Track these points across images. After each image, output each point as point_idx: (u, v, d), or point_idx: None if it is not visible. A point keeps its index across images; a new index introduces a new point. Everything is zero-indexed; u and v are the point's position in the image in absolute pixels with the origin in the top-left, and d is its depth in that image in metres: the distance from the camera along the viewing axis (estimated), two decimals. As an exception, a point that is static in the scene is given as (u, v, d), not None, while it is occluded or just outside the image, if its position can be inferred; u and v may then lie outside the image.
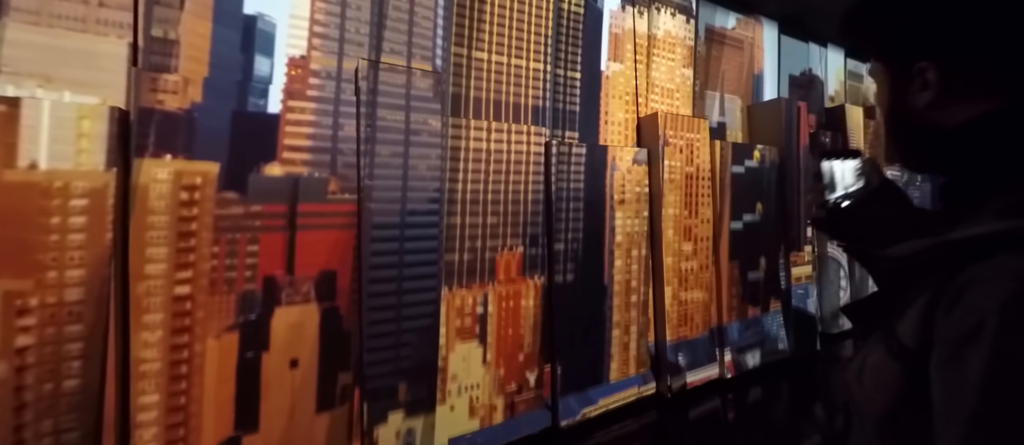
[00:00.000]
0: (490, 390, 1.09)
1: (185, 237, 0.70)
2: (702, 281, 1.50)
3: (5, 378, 0.55)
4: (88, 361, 0.61)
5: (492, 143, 1.12)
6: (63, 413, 0.59)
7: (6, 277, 0.56)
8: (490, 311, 1.09)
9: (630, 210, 1.37)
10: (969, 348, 0.25)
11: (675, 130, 1.42)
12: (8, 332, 0.56)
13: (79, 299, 0.61)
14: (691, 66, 1.62)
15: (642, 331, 1.40)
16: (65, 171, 0.62)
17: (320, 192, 0.85)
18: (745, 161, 1.63)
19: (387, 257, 0.92)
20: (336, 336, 0.85)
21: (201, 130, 0.75)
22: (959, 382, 0.26)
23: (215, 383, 0.72)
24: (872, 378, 0.34)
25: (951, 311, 0.27)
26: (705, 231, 1.50)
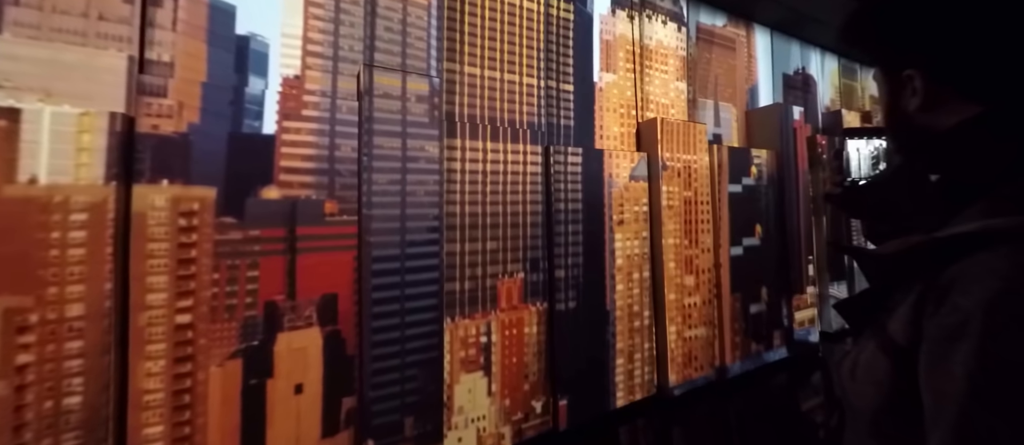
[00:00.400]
0: (496, 421, 1.25)
1: (185, 264, 0.83)
2: (705, 316, 1.76)
3: (5, 397, 0.64)
4: (89, 378, 0.71)
5: (488, 164, 1.34)
6: (64, 431, 0.69)
7: (6, 294, 0.66)
8: (493, 340, 1.27)
9: (629, 231, 1.63)
10: (954, 346, 0.31)
11: (672, 151, 1.70)
12: (8, 350, 0.66)
13: (80, 315, 0.72)
14: (685, 78, 1.97)
15: (647, 359, 1.64)
16: (65, 186, 0.74)
17: (318, 215, 1.01)
18: (742, 179, 1.94)
19: (389, 291, 1.08)
20: (340, 360, 0.99)
21: (197, 154, 0.90)
22: (946, 380, 0.31)
23: (220, 411, 0.84)
24: (864, 375, 0.40)
25: (938, 309, 0.33)
26: (706, 261, 1.77)
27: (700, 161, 1.78)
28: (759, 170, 2.00)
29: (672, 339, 1.63)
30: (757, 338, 1.89)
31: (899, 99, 0.44)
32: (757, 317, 1.90)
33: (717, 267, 1.80)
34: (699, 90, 2.04)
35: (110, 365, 0.74)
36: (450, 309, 1.21)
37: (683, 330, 1.67)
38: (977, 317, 0.30)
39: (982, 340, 0.29)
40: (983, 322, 0.29)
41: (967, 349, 0.30)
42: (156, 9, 0.95)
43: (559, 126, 1.55)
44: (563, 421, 1.37)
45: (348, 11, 1.17)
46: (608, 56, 1.72)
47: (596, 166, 1.54)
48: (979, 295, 0.30)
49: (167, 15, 0.96)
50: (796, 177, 2.08)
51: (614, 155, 1.59)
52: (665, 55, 1.87)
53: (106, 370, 0.74)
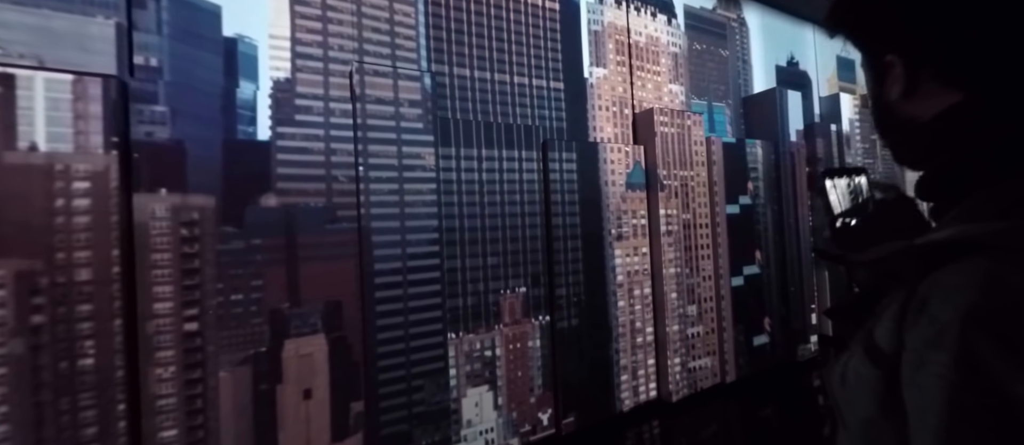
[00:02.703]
0: (504, 433, 1.46)
1: (190, 274, 0.99)
2: (710, 346, 2.04)
3: (22, 355, 0.79)
4: (100, 340, 0.86)
5: (484, 173, 1.58)
6: (80, 391, 0.83)
7: (16, 257, 0.82)
8: (498, 354, 1.48)
9: (629, 247, 1.92)
10: (932, 356, 0.36)
11: (668, 168, 1.98)
12: (22, 311, 0.81)
13: (88, 279, 0.88)
14: (678, 80, 2.35)
15: (651, 375, 1.91)
16: (65, 154, 0.90)
17: (318, 223, 1.19)
18: (739, 198, 2.24)
19: (392, 301, 1.26)
20: (346, 365, 1.17)
21: (193, 161, 1.07)
22: (924, 391, 0.36)
23: (232, 416, 0.99)
24: (853, 382, 0.46)
25: (917, 319, 0.38)
26: (707, 290, 2.06)
27: (697, 175, 2.07)
28: (756, 187, 2.31)
29: (676, 371, 1.90)
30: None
31: (881, 87, 0.48)
32: (760, 350, 2.18)
33: (718, 294, 2.08)
34: (693, 88, 2.41)
35: (120, 329, 0.90)
36: (454, 324, 1.40)
37: (687, 361, 1.94)
38: (953, 329, 0.34)
39: (958, 352, 0.34)
40: (959, 334, 0.34)
41: (944, 360, 0.34)
42: (141, 11, 1.13)
43: (552, 128, 1.83)
44: (569, 433, 1.60)
45: (335, 7, 1.40)
46: (597, 48, 2.03)
47: (592, 163, 1.81)
48: (955, 306, 0.34)
49: (151, 16, 1.15)
50: (794, 179, 2.43)
51: (610, 149, 1.89)
52: (657, 52, 2.19)
53: (116, 333, 0.90)
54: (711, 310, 2.06)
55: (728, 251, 2.13)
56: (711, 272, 2.08)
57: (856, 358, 0.46)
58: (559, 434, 1.59)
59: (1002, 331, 0.33)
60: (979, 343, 0.34)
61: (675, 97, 2.25)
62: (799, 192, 2.41)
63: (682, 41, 2.30)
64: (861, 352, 0.45)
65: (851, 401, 0.47)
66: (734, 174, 2.21)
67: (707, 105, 2.41)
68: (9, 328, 0.82)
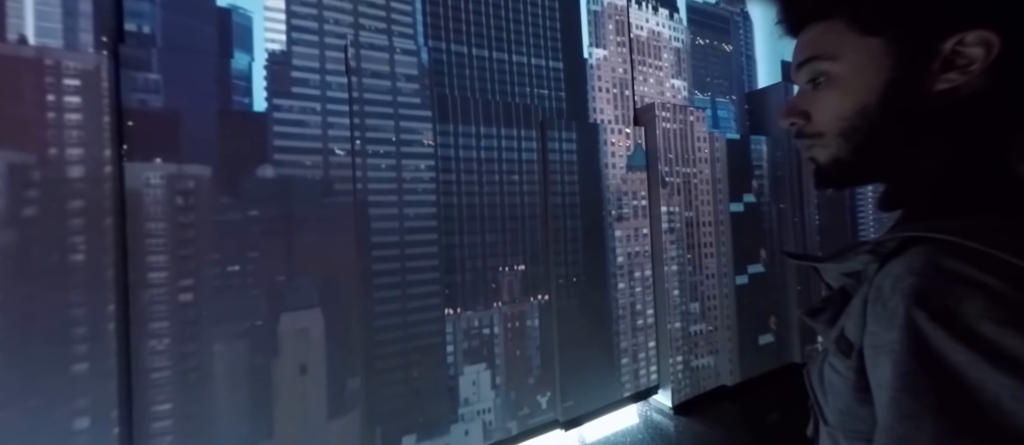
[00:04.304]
0: (503, 414, 1.48)
1: (185, 244, 1.01)
2: (713, 344, 2.06)
3: (14, 245, 0.83)
4: (91, 237, 0.89)
5: (483, 151, 1.60)
6: (70, 287, 0.87)
7: (8, 149, 0.85)
8: (496, 332, 1.50)
9: (629, 228, 1.95)
10: (886, 336, 0.39)
11: (670, 165, 1.99)
12: (14, 202, 0.84)
13: (80, 177, 0.91)
14: (680, 75, 2.32)
15: (651, 359, 1.95)
16: (56, 50, 0.92)
17: (315, 195, 1.21)
18: (743, 195, 2.26)
19: (389, 275, 1.28)
20: (343, 341, 1.18)
21: (188, 130, 1.08)
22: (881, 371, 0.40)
23: (227, 390, 1.01)
24: (829, 377, 0.49)
25: (874, 306, 0.42)
26: (711, 288, 2.07)
27: (701, 172, 2.09)
28: (760, 184, 2.33)
29: (680, 371, 1.92)
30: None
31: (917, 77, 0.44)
32: (766, 350, 2.21)
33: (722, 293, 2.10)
34: (696, 84, 2.40)
35: (112, 227, 0.93)
36: (452, 300, 1.42)
37: (690, 359, 1.97)
38: (900, 310, 0.38)
39: (903, 329, 0.38)
40: (904, 313, 0.38)
41: (894, 338, 0.39)
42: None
43: (551, 108, 1.85)
44: (568, 417, 1.63)
45: (330, -18, 1.41)
46: (597, 28, 2.04)
47: (592, 144, 1.84)
48: (901, 290, 0.39)
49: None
50: (800, 177, 2.42)
51: (611, 131, 1.90)
52: (659, 47, 2.20)
53: (108, 231, 0.93)
54: (715, 308, 2.09)
55: (732, 249, 2.15)
56: (715, 270, 2.11)
57: (831, 354, 0.49)
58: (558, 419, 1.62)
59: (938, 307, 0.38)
60: (920, 320, 0.38)
61: (677, 92, 2.27)
62: (805, 189, 2.43)
63: (685, 35, 2.32)
64: (834, 348, 0.49)
65: (829, 396, 0.50)
66: (738, 171, 2.22)
67: (710, 100, 2.43)
68: (1, 218, 0.85)
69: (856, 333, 0.45)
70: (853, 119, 0.49)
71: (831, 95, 0.50)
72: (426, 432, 1.32)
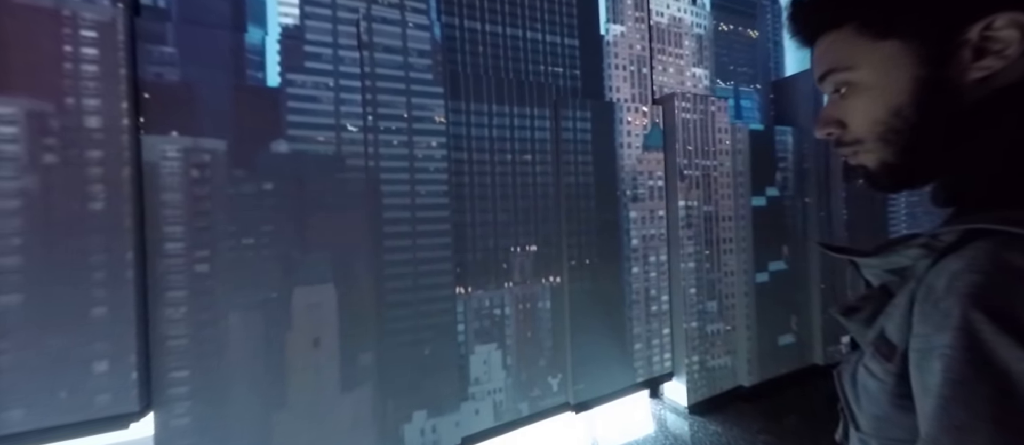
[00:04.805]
0: (514, 394, 1.50)
1: (201, 216, 1.04)
2: (731, 343, 2.02)
3: (35, 191, 0.88)
4: (110, 187, 0.94)
5: (495, 129, 1.60)
6: (89, 233, 0.92)
7: (26, 97, 0.89)
8: (507, 313, 1.51)
9: (645, 209, 1.93)
10: (937, 339, 0.36)
11: (689, 158, 1.92)
12: (34, 148, 0.89)
13: (98, 127, 0.95)
14: (702, 63, 2.20)
15: (666, 346, 1.94)
16: (73, 1, 0.94)
17: (328, 171, 1.22)
18: (766, 189, 2.16)
19: (401, 252, 1.30)
20: (355, 316, 1.21)
21: (203, 104, 1.10)
22: (928, 375, 0.37)
23: (242, 359, 1.05)
24: (864, 381, 0.46)
25: (924, 306, 0.39)
26: (729, 286, 2.02)
27: (721, 165, 2.02)
28: (785, 177, 2.24)
29: (696, 372, 1.90)
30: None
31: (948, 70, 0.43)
32: (786, 350, 2.15)
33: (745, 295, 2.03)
34: (718, 72, 2.26)
35: (129, 179, 0.98)
36: (463, 279, 1.44)
37: (706, 360, 1.94)
38: (955, 311, 0.35)
39: (959, 333, 0.35)
40: (961, 315, 0.35)
41: (947, 342, 0.35)
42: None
43: (565, 86, 1.83)
44: (579, 401, 1.64)
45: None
46: (615, 3, 1.96)
47: (607, 123, 1.81)
48: (957, 289, 0.36)
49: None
50: (827, 169, 2.33)
51: (627, 109, 1.87)
52: (679, 34, 2.12)
53: (126, 183, 0.97)
54: (733, 307, 2.05)
55: (752, 245, 2.09)
56: (734, 267, 2.05)
57: (867, 356, 0.47)
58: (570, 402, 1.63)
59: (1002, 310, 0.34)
60: (979, 323, 0.35)
61: (698, 81, 2.19)
62: (833, 183, 2.34)
63: (707, 21, 2.24)
64: (871, 350, 0.46)
65: (862, 400, 0.48)
66: (761, 164, 2.15)
67: (733, 90, 2.35)
68: (22, 164, 0.90)
69: (899, 334, 0.43)
70: (889, 122, 0.47)
71: (859, 102, 0.48)
72: (437, 408, 1.35)
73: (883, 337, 0.45)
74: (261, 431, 1.12)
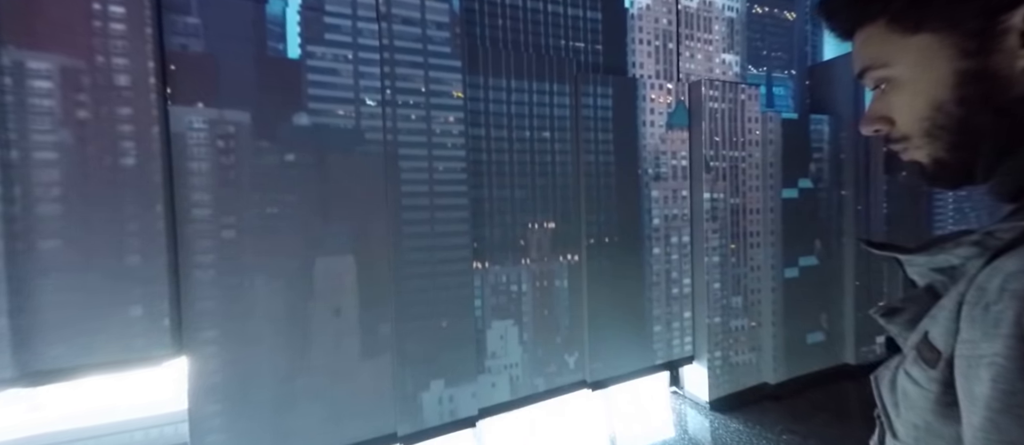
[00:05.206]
0: (530, 370, 1.52)
1: (227, 185, 1.08)
2: (756, 340, 1.97)
3: (70, 145, 0.95)
4: (140, 143, 1.00)
5: (513, 106, 1.58)
6: (121, 188, 0.99)
7: (59, 53, 0.95)
8: (524, 289, 1.53)
9: (667, 189, 1.89)
10: (987, 346, 0.35)
11: (716, 148, 1.86)
12: (68, 103, 0.95)
13: (127, 85, 1.00)
14: (732, 49, 2.08)
15: (686, 329, 1.93)
16: None
17: (347, 144, 1.24)
18: (799, 181, 2.07)
19: (420, 228, 1.33)
20: (374, 287, 1.25)
21: (227, 75, 1.13)
22: (975, 383, 0.35)
23: (268, 323, 1.10)
24: (905, 387, 0.44)
25: (972, 311, 0.37)
26: (755, 281, 1.96)
27: (750, 155, 1.95)
28: (820, 168, 2.13)
29: (718, 367, 1.87)
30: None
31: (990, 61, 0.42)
32: (815, 349, 2.09)
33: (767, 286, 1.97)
34: (750, 58, 2.14)
35: (158, 136, 1.04)
36: (480, 254, 1.45)
37: (729, 355, 1.91)
38: (1007, 316, 0.33)
39: (1011, 340, 0.33)
40: (1014, 321, 0.33)
41: (997, 350, 0.34)
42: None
43: (587, 61, 1.79)
44: (595, 379, 1.66)
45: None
46: None
47: (629, 100, 1.76)
48: (1011, 292, 0.34)
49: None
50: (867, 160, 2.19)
51: (650, 86, 1.82)
52: (710, 19, 2.02)
53: (155, 139, 1.03)
54: (759, 303, 2.00)
55: (782, 239, 2.03)
56: (761, 262, 2.00)
57: (909, 361, 0.45)
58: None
59: None
60: None
61: (728, 68, 2.11)
62: (873, 175, 2.22)
63: (739, 4, 2.14)
64: (914, 355, 0.44)
65: (901, 407, 0.46)
66: (794, 154, 2.07)
67: (766, 76, 2.24)
68: (57, 118, 0.96)
69: (945, 339, 0.41)
70: (933, 116, 0.45)
71: (900, 98, 0.47)
72: (454, 379, 1.39)
73: (927, 341, 0.43)
74: (286, 390, 1.18)
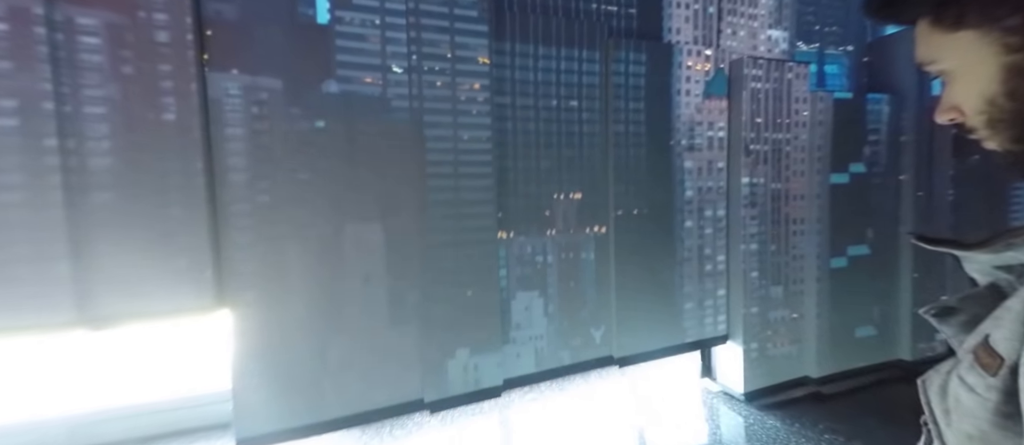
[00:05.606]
0: (554, 342, 1.53)
1: (261, 149, 1.13)
2: (797, 332, 1.87)
3: (119, 100, 1.03)
4: (180, 99, 1.07)
5: (540, 73, 1.54)
6: (164, 143, 1.07)
7: (105, 9, 1.02)
8: (549, 261, 1.52)
9: (702, 160, 1.83)
10: None
11: (757, 131, 1.75)
12: (114, 60, 1.03)
13: (166, 42, 1.07)
14: (780, 23, 1.92)
15: (720, 308, 1.86)
16: None
17: (374, 111, 1.27)
18: (850, 165, 1.91)
19: (445, 195, 1.36)
20: (402, 255, 1.29)
21: (260, 41, 1.16)
22: None
23: (303, 286, 1.17)
24: (959, 394, 0.42)
25: None
26: (797, 271, 1.85)
27: (796, 137, 1.83)
28: (875, 152, 1.98)
29: (754, 357, 1.80)
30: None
31: None
32: (864, 342, 1.96)
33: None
34: (799, 33, 1.98)
35: (197, 92, 1.11)
36: (504, 225, 1.46)
37: (766, 347, 1.83)
38: None
39: None
40: None
41: None
42: None
43: (619, 26, 1.73)
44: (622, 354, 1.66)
45: None
46: None
47: (664, 67, 1.69)
48: None
49: None
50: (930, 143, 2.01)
51: (687, 52, 1.73)
52: None
53: (193, 95, 1.10)
54: (800, 294, 1.90)
55: (829, 227, 1.91)
56: (805, 251, 1.89)
57: (964, 366, 0.43)
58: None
59: None
60: None
61: (774, 45, 1.97)
62: (938, 159, 2.03)
63: None
64: (971, 359, 0.42)
65: (953, 416, 0.43)
66: (846, 136, 1.93)
67: (817, 53, 2.08)
68: (105, 73, 1.04)
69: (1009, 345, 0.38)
70: (988, 111, 0.45)
71: (958, 90, 0.48)
72: (479, 348, 1.42)
73: (987, 346, 0.41)
74: (320, 353, 1.24)
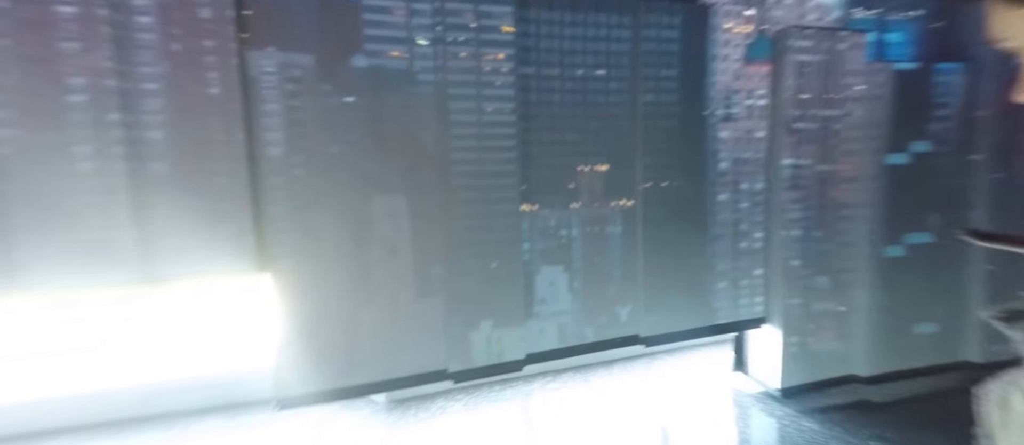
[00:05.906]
0: (579, 319, 1.54)
1: (296, 125, 1.21)
2: (843, 326, 1.73)
3: (169, 75, 1.15)
4: (223, 73, 1.18)
5: (567, 41, 1.49)
6: (209, 114, 1.19)
7: None
8: (574, 235, 1.52)
9: (739, 130, 1.75)
10: None
11: (802, 108, 1.60)
12: (164, 38, 1.14)
13: (209, 18, 1.17)
14: None
15: (757, 289, 1.78)
16: None
17: (400, 85, 1.31)
18: (910, 144, 1.72)
19: (469, 167, 1.39)
20: (428, 229, 1.35)
21: (295, 17, 1.22)
22: None
23: (336, 258, 1.27)
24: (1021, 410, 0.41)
25: None
26: (845, 260, 1.70)
27: (847, 114, 1.69)
28: (943, 129, 1.78)
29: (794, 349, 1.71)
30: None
31: None
32: (925, 339, 1.81)
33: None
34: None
35: (236, 68, 1.21)
36: (528, 198, 1.47)
37: (807, 340, 1.73)
38: None
39: None
40: None
41: None
42: None
43: None
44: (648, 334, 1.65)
45: None
46: None
47: (698, 31, 1.60)
48: None
49: None
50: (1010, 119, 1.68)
51: (724, 14, 1.62)
52: None
53: (233, 71, 1.20)
54: (848, 284, 1.76)
55: (885, 212, 1.74)
56: (855, 238, 1.75)
57: None
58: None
59: None
60: None
61: (826, 12, 1.78)
62: (1019, 136, 1.82)
63: None
64: None
65: (1012, 429, 0.43)
66: (908, 112, 1.74)
67: (875, 20, 1.86)
68: (158, 51, 1.15)
69: None
70: None
71: None
72: (502, 321, 1.47)
73: None
74: (352, 323, 1.33)
